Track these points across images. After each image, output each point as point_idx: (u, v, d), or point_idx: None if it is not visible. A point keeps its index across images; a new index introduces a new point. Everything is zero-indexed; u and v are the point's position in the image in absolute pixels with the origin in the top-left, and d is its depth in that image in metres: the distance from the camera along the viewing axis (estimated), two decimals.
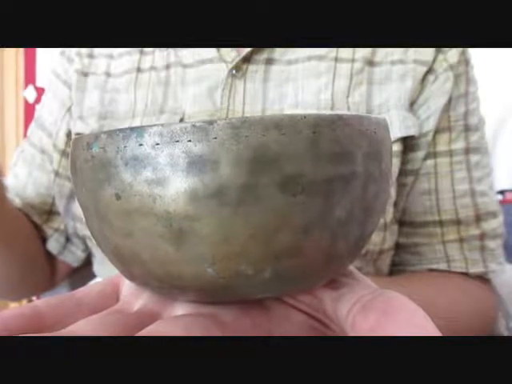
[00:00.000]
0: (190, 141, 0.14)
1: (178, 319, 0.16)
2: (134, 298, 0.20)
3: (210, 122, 0.14)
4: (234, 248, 0.15)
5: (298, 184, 0.15)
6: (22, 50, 1.32)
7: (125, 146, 0.15)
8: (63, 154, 0.54)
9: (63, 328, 0.17)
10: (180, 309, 0.19)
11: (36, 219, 0.55)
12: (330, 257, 0.17)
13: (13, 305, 1.26)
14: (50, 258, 0.57)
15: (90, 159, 0.16)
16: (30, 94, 1.35)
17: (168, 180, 0.15)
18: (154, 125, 0.15)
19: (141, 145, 0.15)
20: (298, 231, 0.15)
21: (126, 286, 0.21)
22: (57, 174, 0.54)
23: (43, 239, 0.56)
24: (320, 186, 0.15)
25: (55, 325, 0.19)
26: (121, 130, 0.15)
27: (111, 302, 0.21)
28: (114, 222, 0.16)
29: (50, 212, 0.56)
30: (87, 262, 0.58)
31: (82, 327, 0.17)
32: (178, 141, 0.14)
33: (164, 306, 0.19)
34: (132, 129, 0.15)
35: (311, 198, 0.15)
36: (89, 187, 0.16)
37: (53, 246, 0.56)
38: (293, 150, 0.15)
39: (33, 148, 0.56)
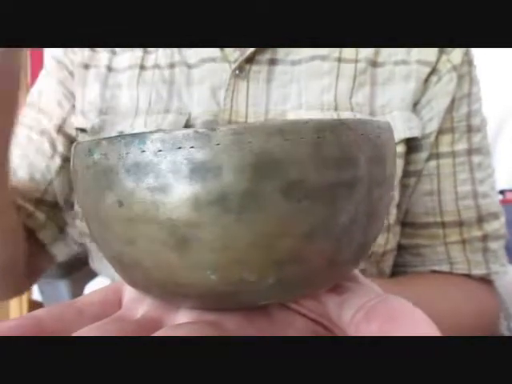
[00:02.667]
0: (192, 147, 0.14)
1: (180, 327, 0.16)
2: (136, 304, 0.20)
3: (213, 129, 0.14)
4: (236, 255, 0.15)
5: (302, 190, 0.15)
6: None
7: (127, 153, 0.15)
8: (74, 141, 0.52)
9: None
10: (183, 316, 0.18)
11: (28, 206, 0.51)
12: (333, 263, 0.16)
13: (13, 308, 1.26)
14: (31, 253, 0.52)
15: (91, 166, 0.16)
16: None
17: (171, 187, 0.14)
18: (156, 131, 0.15)
19: (143, 151, 0.14)
20: (301, 237, 0.15)
21: (128, 292, 0.21)
22: (66, 159, 0.52)
23: (31, 229, 0.51)
24: (323, 191, 0.15)
25: (56, 334, 0.18)
26: (122, 137, 0.15)
27: (113, 309, 0.20)
28: (116, 229, 0.16)
29: (40, 201, 0.52)
30: (85, 263, 0.58)
31: (83, 335, 0.16)
32: (180, 147, 0.14)
33: (167, 313, 0.19)
34: (134, 135, 0.15)
35: (315, 204, 0.15)
36: (90, 194, 0.16)
37: (46, 235, 0.52)
38: (296, 155, 0.14)
39: (28, 130, 0.53)
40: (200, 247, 0.15)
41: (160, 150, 0.14)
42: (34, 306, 1.26)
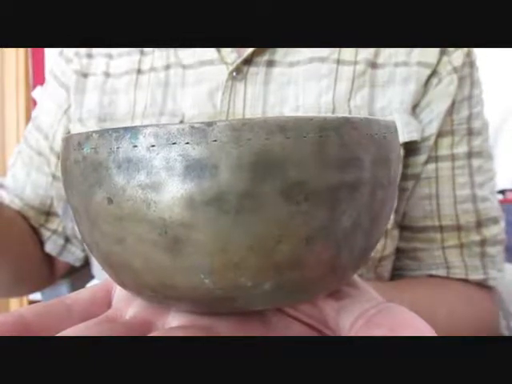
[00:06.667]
0: (187, 143, 0.13)
1: (171, 332, 0.15)
2: (125, 304, 0.19)
3: (210, 124, 0.13)
4: (232, 258, 0.14)
5: (302, 191, 0.14)
6: (22, 50, 1.31)
7: (118, 147, 0.14)
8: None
9: None
10: (174, 319, 0.18)
11: (33, 222, 0.54)
12: (333, 268, 0.16)
13: (13, 304, 1.25)
14: (49, 258, 0.56)
15: (80, 160, 0.15)
16: (39, 95, 1.33)
17: (163, 185, 0.14)
18: (150, 125, 0.14)
19: (135, 146, 0.14)
20: (300, 242, 0.14)
21: (119, 292, 0.20)
22: (54, 177, 0.54)
23: (41, 242, 0.55)
24: (325, 193, 0.14)
25: (42, 333, 0.18)
26: (114, 130, 0.14)
27: (103, 308, 0.20)
28: (105, 228, 0.15)
29: (49, 213, 0.55)
30: (87, 262, 0.58)
31: (69, 335, 0.16)
32: (174, 143, 0.13)
33: (157, 315, 0.18)
34: (126, 129, 0.14)
35: (315, 207, 0.14)
36: (79, 190, 0.15)
37: (51, 247, 0.55)
38: (297, 154, 0.14)
39: (30, 149, 0.55)
40: (193, 249, 0.14)
41: (153, 146, 0.13)
42: None
